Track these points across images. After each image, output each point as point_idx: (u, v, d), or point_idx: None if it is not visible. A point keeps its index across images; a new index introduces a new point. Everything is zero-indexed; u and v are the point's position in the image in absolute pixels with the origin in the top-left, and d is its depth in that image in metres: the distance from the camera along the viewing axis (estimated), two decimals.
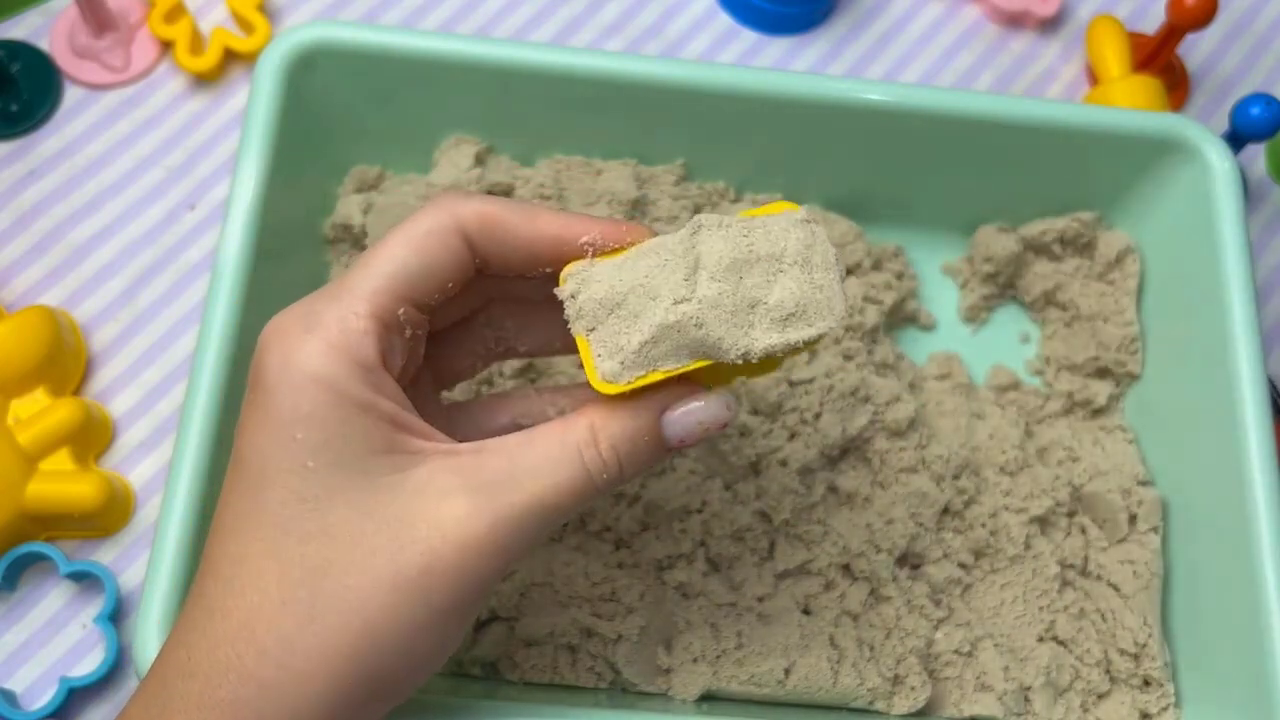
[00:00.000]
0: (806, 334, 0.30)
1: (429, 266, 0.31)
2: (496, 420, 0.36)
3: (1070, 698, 0.43)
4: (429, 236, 0.31)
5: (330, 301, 0.30)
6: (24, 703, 0.44)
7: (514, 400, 0.37)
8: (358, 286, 0.30)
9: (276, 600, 0.28)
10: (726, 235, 0.30)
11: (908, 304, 0.50)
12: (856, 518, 0.44)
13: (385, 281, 0.30)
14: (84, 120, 0.52)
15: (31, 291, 0.49)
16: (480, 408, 0.37)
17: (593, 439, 0.30)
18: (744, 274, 0.30)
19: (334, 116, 0.46)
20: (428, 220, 0.31)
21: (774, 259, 0.30)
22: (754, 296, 0.30)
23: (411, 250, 0.31)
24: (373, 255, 0.31)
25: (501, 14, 0.56)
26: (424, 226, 0.31)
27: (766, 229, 0.30)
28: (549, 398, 0.36)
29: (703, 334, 0.29)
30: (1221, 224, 0.45)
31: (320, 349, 0.29)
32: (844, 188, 0.50)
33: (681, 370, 0.30)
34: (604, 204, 0.47)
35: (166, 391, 0.48)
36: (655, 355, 0.29)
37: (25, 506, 0.44)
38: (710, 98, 0.45)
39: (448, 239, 0.31)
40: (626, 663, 0.41)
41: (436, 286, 0.31)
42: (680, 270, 0.29)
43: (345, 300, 0.30)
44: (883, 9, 0.58)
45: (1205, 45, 0.59)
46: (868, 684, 0.41)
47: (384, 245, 0.31)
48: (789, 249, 0.30)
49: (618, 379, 0.30)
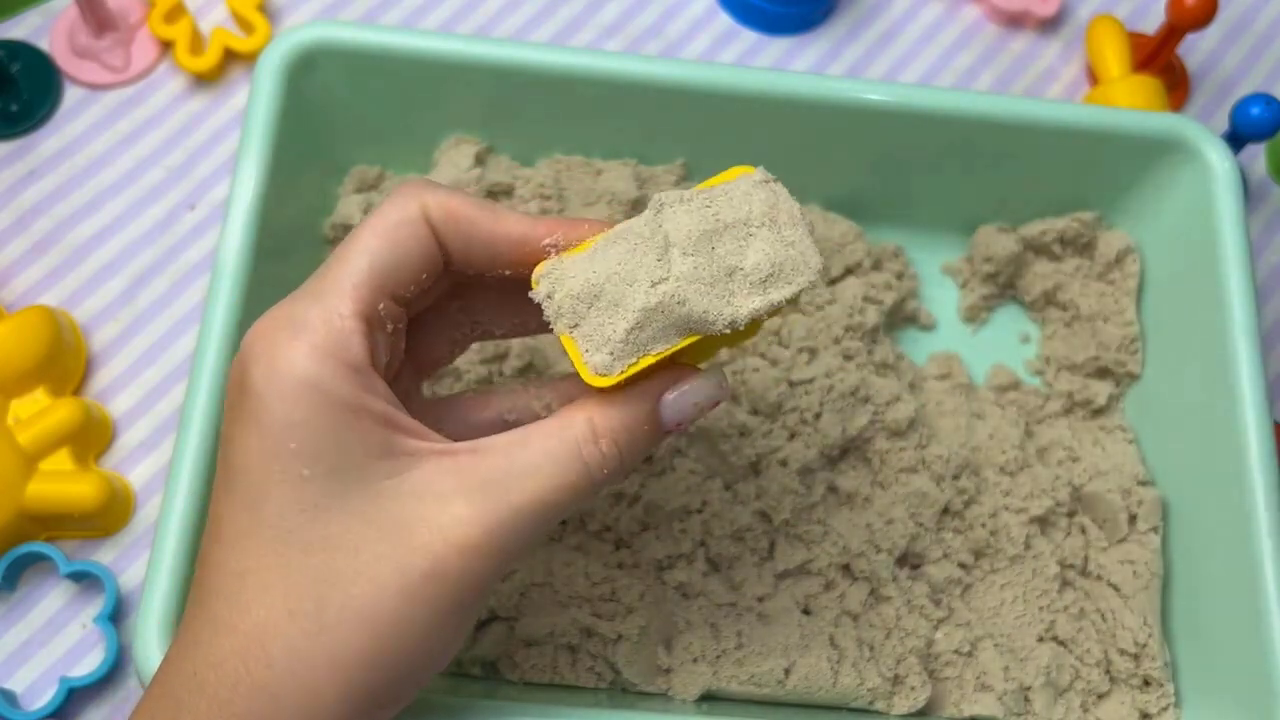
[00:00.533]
0: (787, 291, 0.30)
1: (403, 258, 0.30)
2: (482, 415, 0.36)
3: (1070, 698, 0.43)
4: (400, 227, 0.31)
5: (312, 302, 0.30)
6: (24, 703, 0.44)
7: (499, 395, 0.36)
8: (337, 284, 0.30)
9: (283, 612, 0.28)
10: (690, 209, 0.30)
11: (908, 304, 0.50)
12: (856, 518, 0.44)
13: (364, 276, 0.30)
14: (84, 120, 0.52)
15: (31, 291, 0.49)
16: (466, 403, 0.36)
17: (592, 434, 0.30)
18: (715, 244, 0.30)
19: (334, 116, 0.46)
20: (395, 211, 0.31)
21: (742, 224, 0.30)
22: (729, 264, 0.30)
23: (384, 242, 0.30)
24: (346, 250, 0.31)
25: (501, 14, 0.56)
26: (393, 217, 0.31)
27: (729, 196, 0.30)
28: (534, 392, 0.36)
29: (687, 310, 0.29)
30: (1221, 224, 0.45)
31: (307, 353, 0.29)
32: (844, 188, 0.50)
33: (672, 350, 0.30)
34: (604, 204, 0.47)
35: (166, 391, 0.48)
36: (643, 340, 0.29)
37: (25, 506, 0.44)
38: (710, 98, 0.45)
39: (417, 229, 0.31)
40: (626, 663, 0.41)
41: (411, 278, 0.31)
42: (652, 252, 0.29)
43: (327, 300, 0.30)
44: (883, 9, 0.58)
45: (1205, 45, 0.59)
46: (868, 684, 0.41)
47: (355, 239, 0.31)
48: (754, 211, 0.30)
49: (610, 370, 0.30)
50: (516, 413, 0.36)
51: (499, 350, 0.45)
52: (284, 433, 0.28)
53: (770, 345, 0.46)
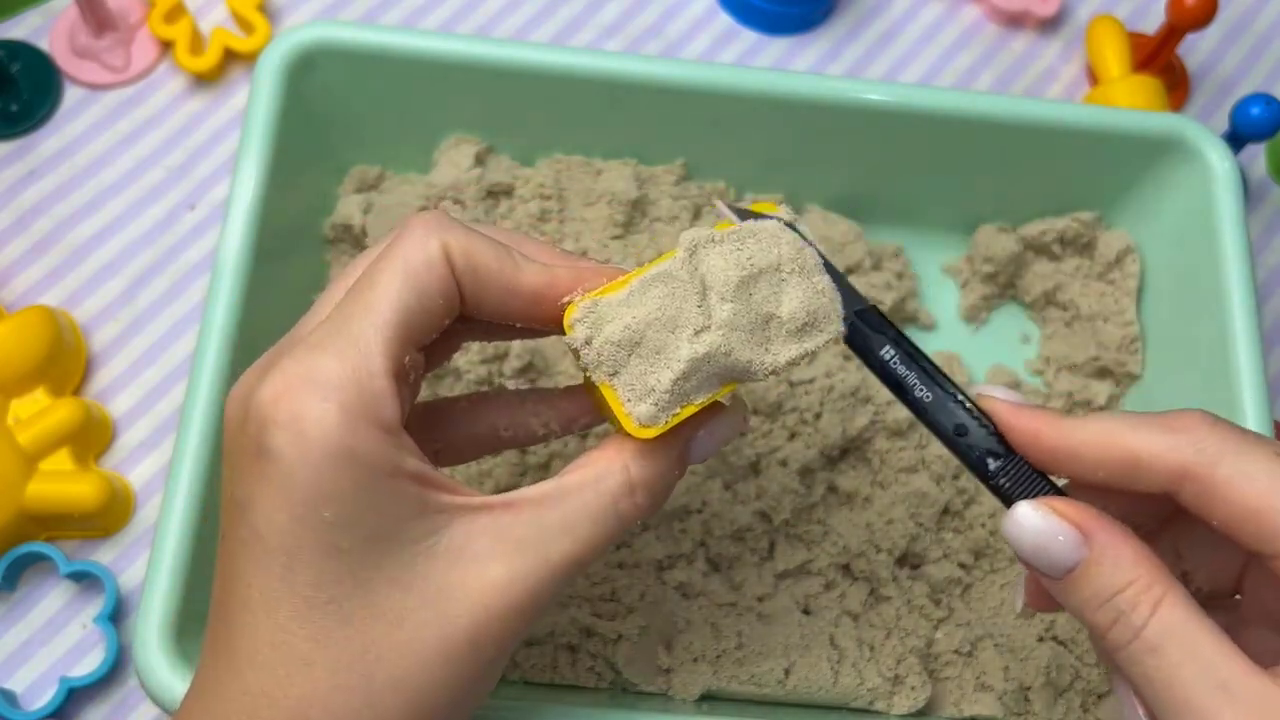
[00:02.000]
0: (820, 340, 0.30)
1: (429, 307, 0.29)
2: (475, 427, 0.35)
3: (1070, 698, 0.43)
4: (425, 272, 0.29)
5: (337, 359, 0.27)
6: (24, 703, 0.44)
7: (495, 406, 0.35)
8: (366, 338, 0.28)
9: (328, 687, 0.27)
10: (724, 251, 0.29)
11: (908, 304, 0.50)
12: (856, 518, 0.44)
13: (394, 331, 0.28)
14: (84, 120, 0.52)
15: (31, 291, 0.49)
16: (460, 411, 0.35)
17: (629, 487, 0.29)
18: (752, 290, 0.29)
19: (334, 116, 0.46)
20: (419, 251, 0.29)
21: (774, 269, 0.29)
22: (766, 311, 0.29)
23: (411, 290, 0.28)
24: (372, 295, 0.28)
25: (501, 14, 0.56)
26: (417, 259, 0.29)
27: (758, 238, 0.30)
28: (531, 408, 0.35)
29: (731, 360, 0.29)
30: (1221, 224, 0.45)
31: (338, 419, 0.27)
32: (844, 188, 0.50)
33: (713, 398, 0.29)
34: (604, 204, 0.47)
35: (166, 391, 0.48)
36: (687, 390, 0.29)
37: (25, 506, 0.44)
38: (710, 98, 0.45)
39: (441, 273, 0.29)
40: (626, 662, 0.41)
41: (436, 327, 0.29)
42: (691, 297, 0.29)
43: (355, 357, 0.27)
44: (883, 9, 0.58)
45: (1205, 45, 0.59)
46: (868, 684, 0.41)
47: (380, 284, 0.28)
48: (784, 256, 0.30)
49: (655, 421, 0.29)
50: (513, 429, 0.35)
51: (499, 350, 0.45)
52: (315, 503, 0.27)
53: None
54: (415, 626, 0.28)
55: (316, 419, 0.27)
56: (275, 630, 0.27)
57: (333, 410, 0.27)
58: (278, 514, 0.27)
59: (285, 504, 0.27)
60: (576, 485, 0.29)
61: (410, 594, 0.28)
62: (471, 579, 0.28)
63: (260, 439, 0.27)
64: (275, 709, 0.27)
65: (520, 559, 0.28)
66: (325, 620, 0.27)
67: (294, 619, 0.27)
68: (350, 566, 0.27)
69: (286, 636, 0.27)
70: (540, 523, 0.29)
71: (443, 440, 0.34)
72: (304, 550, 0.27)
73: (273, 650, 0.27)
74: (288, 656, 0.27)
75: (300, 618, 0.27)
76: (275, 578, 0.27)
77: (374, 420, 0.27)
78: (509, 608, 0.28)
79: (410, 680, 0.27)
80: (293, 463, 0.27)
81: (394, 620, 0.27)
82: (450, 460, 0.35)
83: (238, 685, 0.28)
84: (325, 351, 0.28)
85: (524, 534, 0.28)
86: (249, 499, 0.27)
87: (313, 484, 0.26)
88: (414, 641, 0.28)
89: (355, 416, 0.27)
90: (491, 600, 0.28)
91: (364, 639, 0.27)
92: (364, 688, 0.27)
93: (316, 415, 0.27)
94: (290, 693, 0.27)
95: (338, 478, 0.27)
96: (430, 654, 0.28)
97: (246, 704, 0.27)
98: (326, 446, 0.26)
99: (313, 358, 0.27)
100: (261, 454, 0.27)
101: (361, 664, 0.27)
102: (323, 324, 0.29)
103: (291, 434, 0.27)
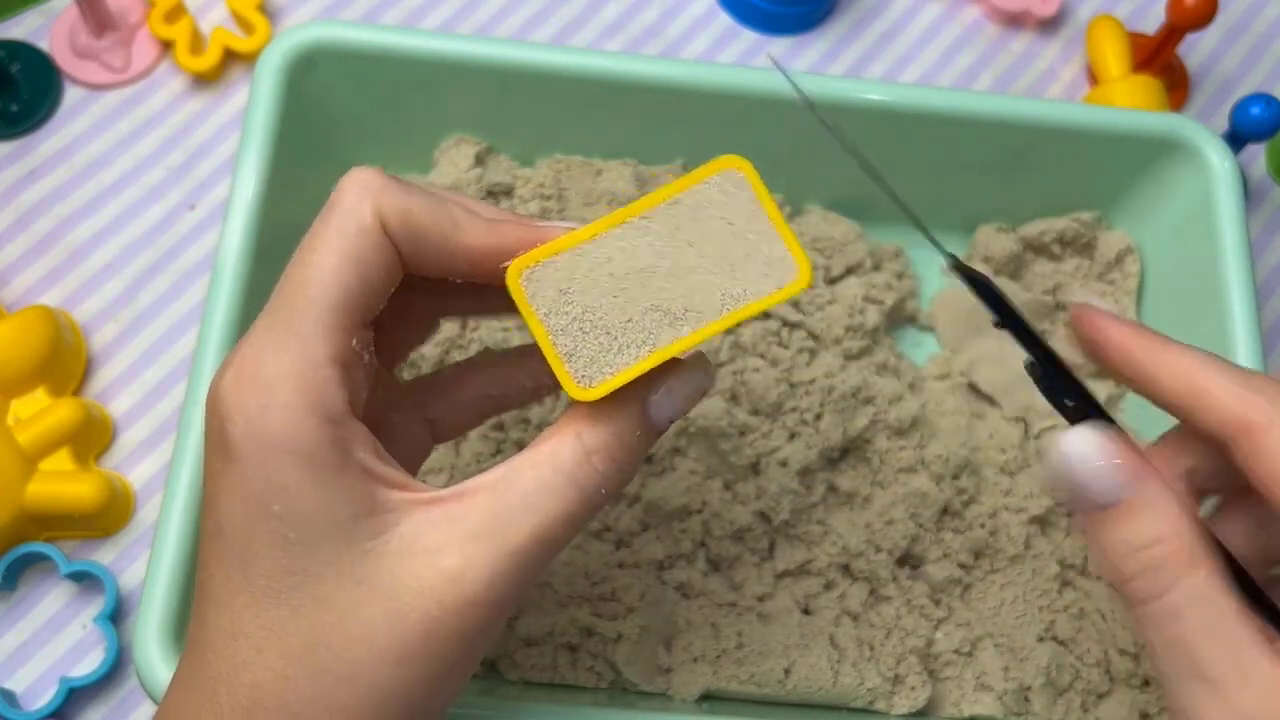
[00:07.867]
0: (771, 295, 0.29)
1: (370, 279, 0.28)
2: (464, 393, 0.34)
3: (1070, 697, 0.43)
4: (360, 241, 0.28)
5: (278, 351, 0.27)
6: (24, 703, 0.44)
7: (481, 369, 0.35)
8: (304, 326, 0.28)
9: (278, 675, 0.27)
10: (672, 213, 0.29)
11: (908, 304, 0.50)
12: (856, 518, 0.44)
13: (335, 315, 0.28)
14: (84, 120, 0.52)
15: (31, 291, 0.49)
16: (449, 381, 0.35)
17: (584, 453, 0.29)
18: (702, 245, 0.29)
19: (334, 116, 0.46)
20: (351, 220, 0.28)
21: (725, 222, 0.29)
22: (718, 264, 0.29)
23: (349, 265, 0.28)
24: (307, 274, 0.28)
25: (501, 14, 0.56)
26: (350, 227, 0.28)
27: (708, 197, 0.29)
28: (515, 362, 0.34)
29: (674, 318, 0.28)
30: (1221, 224, 0.45)
31: (280, 415, 0.27)
32: (844, 188, 0.50)
33: (662, 355, 0.28)
34: (604, 204, 0.47)
35: (166, 391, 0.48)
36: (630, 348, 0.28)
37: (25, 506, 0.44)
38: (710, 98, 0.45)
39: (377, 240, 0.28)
40: (626, 662, 0.41)
41: (380, 299, 0.29)
42: (641, 253, 0.28)
43: (295, 347, 0.27)
44: (883, 9, 0.58)
45: (1205, 45, 0.59)
46: (868, 684, 0.41)
47: (314, 262, 0.28)
48: (737, 211, 0.29)
49: (593, 381, 0.28)
50: (499, 387, 0.34)
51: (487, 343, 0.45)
52: (265, 497, 0.27)
53: (770, 345, 0.46)
54: (367, 621, 0.27)
55: (258, 414, 0.27)
56: (232, 620, 0.28)
57: (275, 407, 0.27)
58: (234, 506, 0.27)
59: (240, 497, 0.27)
60: (530, 463, 0.29)
61: (362, 588, 0.28)
62: (423, 573, 0.28)
63: (218, 435, 0.28)
64: (233, 695, 0.27)
65: (475, 547, 0.28)
66: (277, 610, 0.27)
67: (248, 609, 0.28)
68: (301, 560, 0.27)
69: (242, 626, 0.28)
70: (495, 508, 0.28)
71: (436, 412, 0.34)
72: (257, 542, 0.27)
73: (230, 639, 0.28)
74: (243, 645, 0.28)
75: (255, 607, 0.27)
76: (234, 569, 0.28)
77: (318, 412, 0.27)
78: (463, 600, 0.28)
79: (363, 675, 0.27)
80: (244, 456, 0.27)
81: (345, 614, 0.27)
82: (449, 433, 0.35)
83: (204, 673, 0.28)
84: (266, 341, 0.28)
85: (478, 521, 0.28)
86: (212, 493, 0.28)
87: (261, 479, 0.27)
88: (366, 636, 0.27)
89: (299, 412, 0.27)
90: (444, 593, 0.27)
91: (315, 632, 0.27)
92: (314, 679, 0.27)
93: (258, 410, 0.27)
94: (244, 679, 0.27)
95: (283, 471, 0.27)
96: (383, 649, 0.27)
97: (208, 690, 0.28)
98: (270, 441, 0.27)
99: (255, 350, 0.28)
100: (220, 447, 0.28)
101: (312, 656, 0.27)
102: (265, 311, 0.29)
103: (241, 428, 0.27)
